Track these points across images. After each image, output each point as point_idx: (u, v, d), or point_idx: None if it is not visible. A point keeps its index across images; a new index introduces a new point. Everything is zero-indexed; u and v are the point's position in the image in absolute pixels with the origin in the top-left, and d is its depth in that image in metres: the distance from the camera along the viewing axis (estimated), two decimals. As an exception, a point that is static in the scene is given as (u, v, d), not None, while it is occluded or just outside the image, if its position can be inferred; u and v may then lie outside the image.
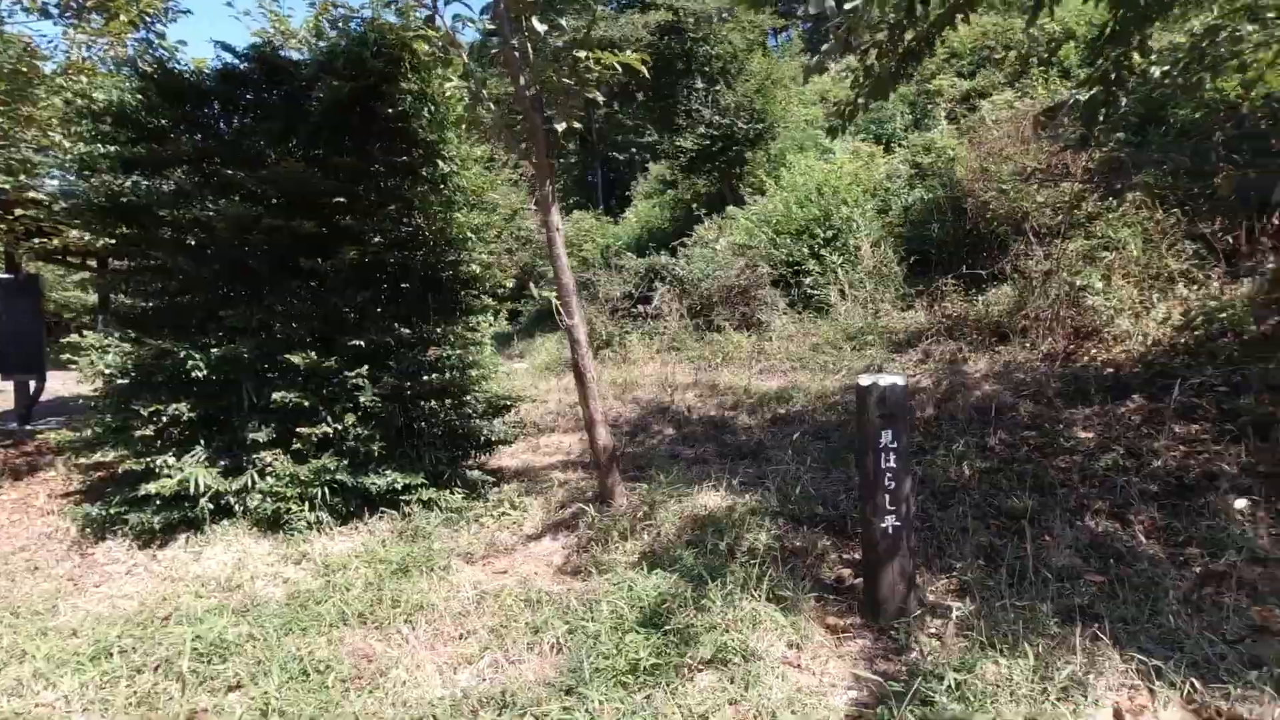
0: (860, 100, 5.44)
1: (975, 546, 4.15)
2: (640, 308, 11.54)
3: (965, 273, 9.50)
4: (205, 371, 4.79)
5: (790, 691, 2.99)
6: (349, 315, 5.22)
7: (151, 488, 4.69)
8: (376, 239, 5.22)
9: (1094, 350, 7.14)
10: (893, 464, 3.45)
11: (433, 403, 5.59)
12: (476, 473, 5.52)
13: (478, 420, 5.65)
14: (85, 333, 4.81)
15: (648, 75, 4.53)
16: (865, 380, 3.48)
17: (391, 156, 5.16)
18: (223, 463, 5.01)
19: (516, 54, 4.03)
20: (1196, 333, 6.61)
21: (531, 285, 7.28)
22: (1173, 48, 5.44)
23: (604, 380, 9.56)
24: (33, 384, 9.65)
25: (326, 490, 4.92)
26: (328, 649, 3.49)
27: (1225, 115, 7.48)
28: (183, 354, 4.70)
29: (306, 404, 4.90)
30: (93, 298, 22.38)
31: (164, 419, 4.77)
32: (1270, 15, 5.47)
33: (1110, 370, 6.60)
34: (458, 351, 5.41)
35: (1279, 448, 4.83)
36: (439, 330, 5.47)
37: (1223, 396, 5.59)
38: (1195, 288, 7.15)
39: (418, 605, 3.82)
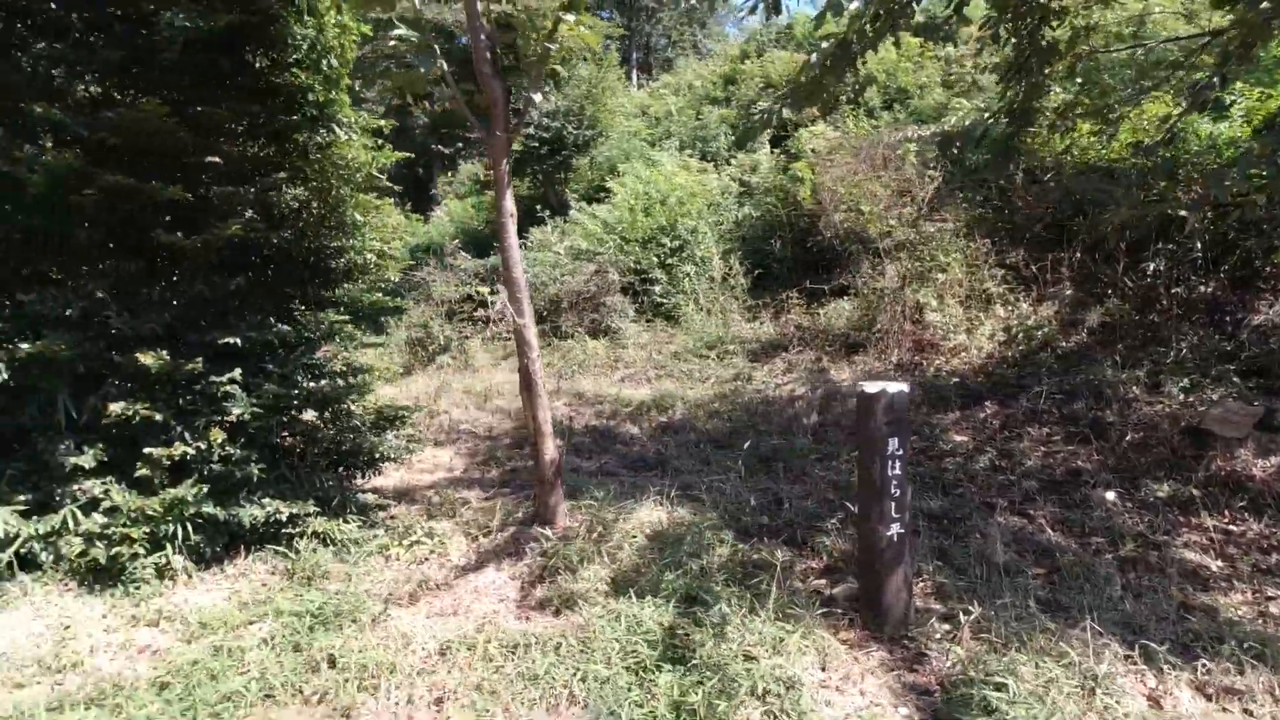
0: (780, 106, 5.47)
1: (927, 549, 4.28)
2: (481, 311, 10.80)
3: (808, 287, 10.12)
4: (5, 375, 3.52)
5: (842, 718, 2.80)
6: (210, 307, 4.16)
7: (-90, 538, 3.33)
8: (249, 213, 4.23)
9: (937, 361, 7.89)
10: (898, 471, 3.41)
11: (310, 414, 4.67)
12: (371, 496, 4.68)
13: (366, 434, 4.80)
14: None
15: (599, 52, 4.13)
16: (872, 388, 3.41)
17: (277, 114, 4.20)
18: (21, 498, 3.72)
19: (479, 4, 3.45)
20: (1020, 347, 7.56)
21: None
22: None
23: (457, 389, 8.79)
24: None
25: (188, 527, 3.85)
26: (264, 739, 2.67)
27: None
28: (-25, 350, 3.41)
29: (158, 418, 3.80)
30: None
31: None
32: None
33: (956, 380, 7.31)
34: (353, 354, 4.55)
35: (1118, 446, 5.60)
36: (324, 326, 4.57)
37: (1059, 402, 6.41)
38: (1009, 308, 8.17)
39: (365, 666, 3.07)
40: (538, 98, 3.63)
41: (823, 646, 3.20)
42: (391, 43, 3.41)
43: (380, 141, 4.67)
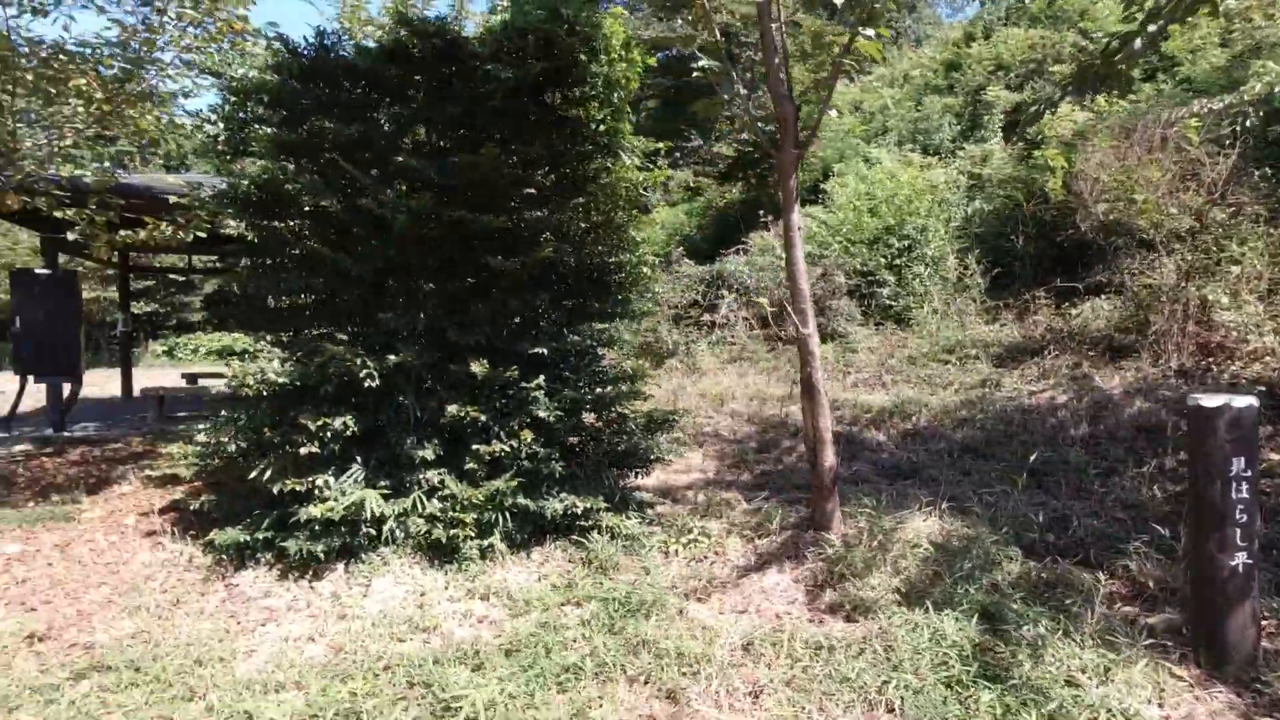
0: (1061, 95, 5.10)
1: (1265, 582, 3.81)
2: (707, 317, 11.12)
3: (1059, 285, 9.32)
4: (378, 381, 4.25)
5: (1199, 762, 2.60)
6: (519, 320, 4.72)
7: (315, 511, 4.12)
8: (547, 235, 4.74)
9: (1232, 367, 6.94)
10: (1244, 494, 3.09)
11: (589, 417, 5.12)
12: (647, 495, 5.04)
13: (639, 436, 5.17)
14: (236, 335, 4.24)
15: (881, 61, 4.12)
16: (1211, 401, 3.12)
17: (572, 146, 4.68)
18: (382, 483, 4.46)
19: (775, 30, 3.62)
20: (1352, 351, 6.44)
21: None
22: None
23: (692, 392, 9.13)
24: (67, 387, 8.89)
25: (506, 516, 4.40)
26: (609, 710, 3.00)
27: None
28: (357, 361, 4.15)
29: (482, 419, 4.38)
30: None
31: (328, 434, 4.22)
32: None
33: (1262, 389, 6.37)
34: (633, 361, 4.94)
35: None
36: (604, 336, 5.00)
37: None
38: (1331, 305, 6.99)
39: (681, 654, 3.34)
40: (833, 113, 3.73)
41: (1156, 680, 2.99)
42: (695, 73, 3.68)
43: (661, 162, 5.01)
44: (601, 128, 4.70)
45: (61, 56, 5.07)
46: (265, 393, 4.14)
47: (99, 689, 3.25)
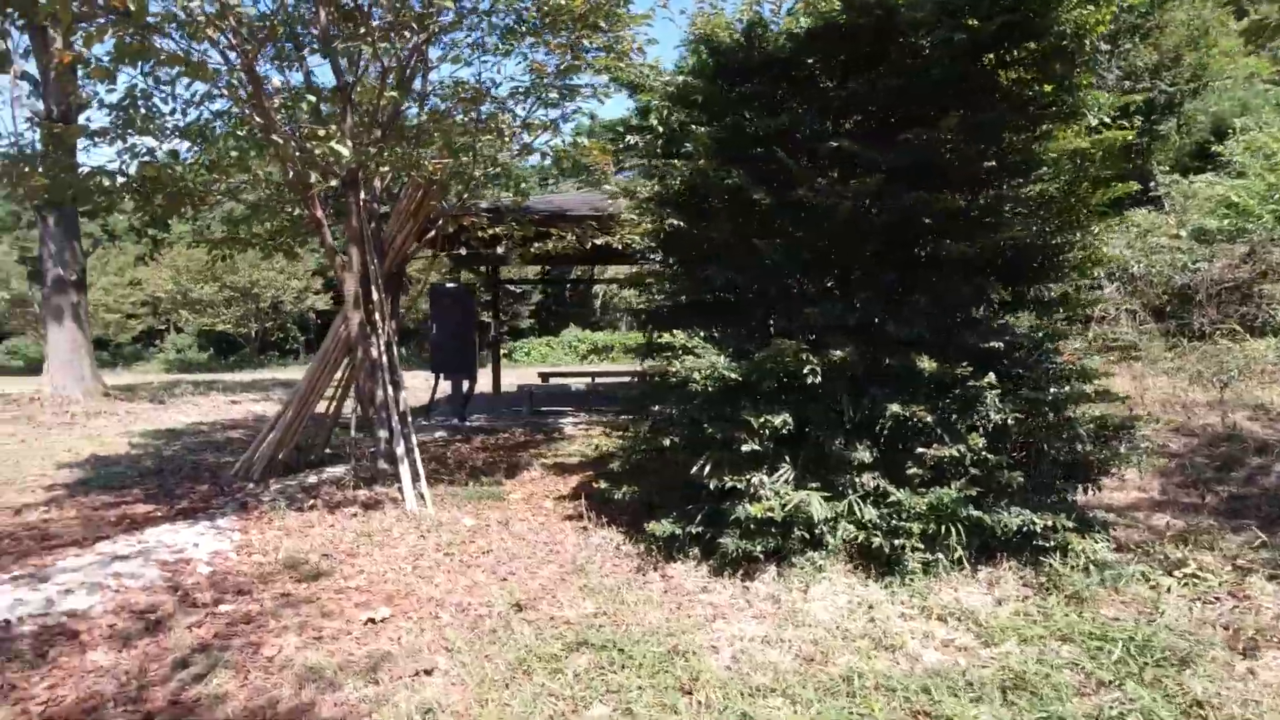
0: None
1: None
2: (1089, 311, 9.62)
3: None
4: (819, 379, 4.07)
5: None
6: (963, 310, 4.25)
7: (754, 510, 4.04)
8: (989, 217, 4.21)
9: None
10: None
11: (1030, 421, 4.46)
12: (1110, 515, 4.27)
13: (1089, 445, 4.39)
14: (675, 332, 4.34)
15: None
16: None
17: (1028, 109, 4.12)
18: (811, 484, 4.27)
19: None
20: None
21: None
22: None
23: (1081, 395, 7.88)
24: (465, 383, 10.26)
25: (958, 528, 3.95)
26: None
27: None
28: (802, 356, 4.00)
29: (929, 420, 3.98)
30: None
31: (766, 431, 4.12)
32: None
33: None
34: (1090, 358, 4.22)
35: None
36: (1051, 328, 4.33)
37: None
38: None
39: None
40: None
41: None
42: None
43: (1125, 122, 4.24)
44: (1055, 86, 4.05)
45: (497, 97, 5.78)
46: (710, 388, 4.16)
47: (594, 665, 3.41)
